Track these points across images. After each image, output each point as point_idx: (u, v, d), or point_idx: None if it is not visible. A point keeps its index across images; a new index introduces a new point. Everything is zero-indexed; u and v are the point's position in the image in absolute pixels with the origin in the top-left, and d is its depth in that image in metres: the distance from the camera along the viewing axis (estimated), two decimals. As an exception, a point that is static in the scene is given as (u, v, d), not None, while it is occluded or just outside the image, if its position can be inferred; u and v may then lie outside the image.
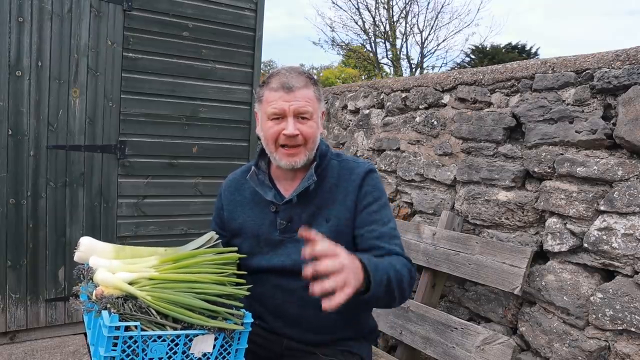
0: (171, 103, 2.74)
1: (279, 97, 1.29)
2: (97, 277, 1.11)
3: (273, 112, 1.30)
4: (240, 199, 1.46)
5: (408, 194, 2.78)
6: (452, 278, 2.38)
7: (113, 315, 1.01)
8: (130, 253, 1.24)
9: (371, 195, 1.36)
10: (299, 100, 1.29)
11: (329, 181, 1.38)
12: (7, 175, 2.36)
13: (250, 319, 1.16)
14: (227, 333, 1.11)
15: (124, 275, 1.11)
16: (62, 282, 2.53)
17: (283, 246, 1.36)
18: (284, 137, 1.30)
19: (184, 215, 2.85)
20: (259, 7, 2.95)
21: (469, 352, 1.94)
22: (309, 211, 1.36)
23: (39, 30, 2.37)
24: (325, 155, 1.41)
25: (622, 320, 1.68)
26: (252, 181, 1.40)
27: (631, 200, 1.69)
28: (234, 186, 1.50)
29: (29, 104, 2.38)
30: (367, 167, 1.40)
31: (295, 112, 1.29)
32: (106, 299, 1.05)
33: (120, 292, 1.08)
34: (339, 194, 1.36)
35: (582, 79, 1.89)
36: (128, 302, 1.07)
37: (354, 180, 1.37)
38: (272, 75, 1.35)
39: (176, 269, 1.16)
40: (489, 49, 14.34)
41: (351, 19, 18.95)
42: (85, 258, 1.22)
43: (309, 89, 1.32)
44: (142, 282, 1.12)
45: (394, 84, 2.93)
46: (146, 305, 1.07)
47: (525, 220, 2.10)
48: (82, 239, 1.25)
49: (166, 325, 1.06)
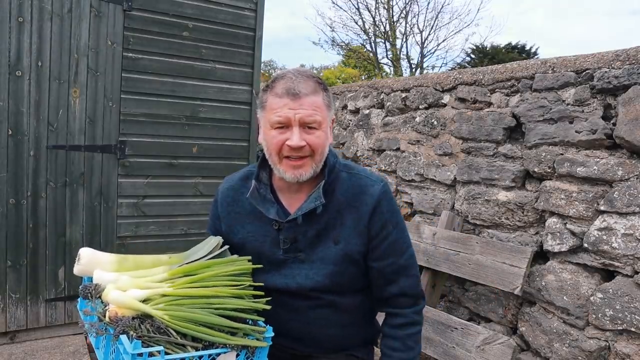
0: (171, 103, 2.74)
1: (283, 104, 1.16)
2: (108, 296, 1.04)
3: (277, 121, 1.17)
4: (240, 210, 1.33)
5: (408, 194, 2.78)
6: (452, 278, 2.38)
7: (135, 342, 0.95)
8: (134, 263, 1.17)
9: (389, 223, 1.26)
10: (306, 109, 1.16)
11: (338, 198, 1.26)
12: (7, 175, 2.37)
13: (271, 332, 1.11)
14: (249, 349, 1.07)
15: (136, 293, 1.04)
16: (62, 282, 2.53)
17: (287, 267, 1.27)
18: (289, 149, 1.17)
19: (184, 215, 2.85)
20: (259, 7, 2.95)
21: (469, 352, 1.94)
22: (315, 230, 1.25)
23: (39, 30, 2.37)
24: (333, 169, 1.28)
25: (622, 320, 1.68)
26: (252, 199, 1.26)
27: (631, 200, 1.69)
28: (231, 196, 1.36)
29: (29, 104, 2.38)
30: (381, 187, 1.27)
31: (302, 122, 1.16)
32: (122, 321, 0.99)
33: (134, 312, 1.02)
34: (349, 216, 1.25)
35: (582, 79, 1.89)
36: (145, 322, 1.01)
37: (367, 203, 1.25)
38: (276, 79, 1.21)
39: (190, 283, 1.10)
40: (489, 49, 14.34)
41: (351, 19, 18.94)
42: (86, 271, 1.14)
43: (318, 96, 1.19)
44: (156, 299, 1.05)
45: (394, 84, 2.93)
46: (164, 326, 1.01)
47: (525, 220, 2.10)
48: (82, 251, 1.16)
49: (186, 345, 1.01)
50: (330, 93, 1.26)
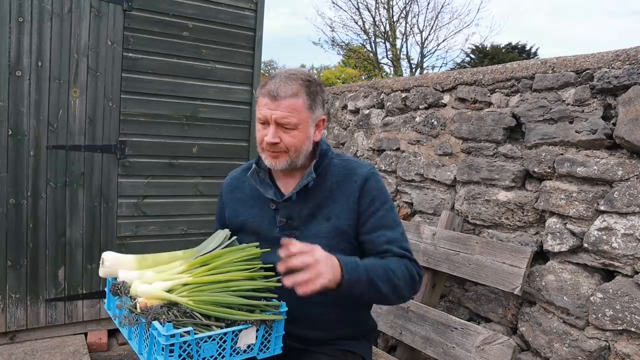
0: (171, 103, 2.74)
1: (264, 103, 1.31)
2: (136, 290, 1.15)
3: (259, 118, 1.33)
4: (241, 195, 1.48)
5: (408, 194, 2.78)
6: (452, 278, 2.38)
7: (167, 325, 1.06)
8: (152, 260, 1.28)
9: (378, 200, 1.37)
10: (282, 110, 1.28)
11: (330, 180, 1.39)
12: (7, 175, 2.36)
13: (285, 307, 1.23)
14: (267, 324, 1.20)
15: (161, 285, 1.16)
16: (62, 282, 2.53)
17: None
18: (266, 144, 1.32)
19: (184, 215, 2.85)
20: (259, 7, 2.95)
21: (469, 352, 1.94)
22: (309, 209, 1.37)
23: (39, 30, 2.37)
24: (325, 154, 1.41)
25: (622, 320, 1.68)
26: (252, 178, 1.43)
27: (631, 200, 1.69)
28: (234, 184, 1.53)
29: (29, 104, 2.37)
30: (369, 169, 1.41)
31: (277, 122, 1.29)
32: (153, 309, 1.10)
33: (162, 301, 1.13)
34: (340, 194, 1.37)
35: (582, 79, 1.89)
36: (172, 309, 1.12)
37: (355, 181, 1.37)
38: (268, 79, 1.35)
39: (208, 271, 1.21)
40: (489, 49, 14.36)
41: (351, 19, 18.98)
42: (111, 273, 1.25)
43: (298, 99, 1.30)
44: (178, 288, 1.17)
45: (394, 84, 2.93)
46: (190, 310, 1.12)
47: (525, 220, 2.10)
48: (106, 255, 1.27)
49: (211, 325, 1.12)
50: (319, 94, 1.36)
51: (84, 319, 2.61)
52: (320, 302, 1.34)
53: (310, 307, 1.34)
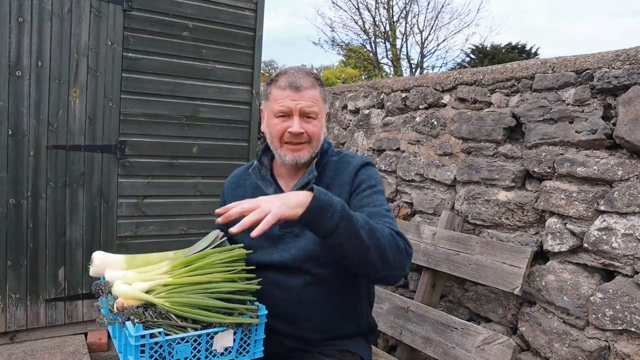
0: (171, 103, 2.74)
1: (286, 95, 1.33)
2: (115, 290, 1.16)
3: (280, 110, 1.34)
4: (242, 193, 1.48)
5: (408, 194, 2.77)
6: (452, 278, 2.38)
7: (137, 325, 1.07)
8: (142, 261, 1.28)
9: (365, 183, 1.38)
10: (306, 100, 1.33)
11: (328, 175, 1.41)
12: (7, 175, 2.37)
13: (264, 310, 1.21)
14: (244, 327, 1.18)
15: (140, 285, 1.16)
16: (62, 282, 2.53)
17: (282, 241, 1.38)
18: (289, 135, 1.34)
19: (184, 215, 2.85)
20: (259, 7, 2.95)
21: (469, 352, 1.94)
22: None
23: (39, 30, 2.37)
24: (326, 152, 1.44)
25: (622, 320, 1.68)
26: (254, 175, 1.45)
27: (631, 200, 1.69)
28: (235, 182, 1.54)
29: (29, 104, 2.38)
30: (364, 160, 1.43)
31: (302, 112, 1.33)
32: (127, 310, 1.10)
33: (139, 302, 1.13)
34: (335, 188, 1.38)
35: (582, 79, 1.89)
36: (148, 310, 1.12)
37: (349, 172, 1.40)
38: (280, 74, 1.38)
39: (188, 272, 1.20)
40: (489, 49, 14.35)
41: (351, 19, 18.98)
42: (99, 272, 1.26)
43: (316, 90, 1.36)
44: (158, 289, 1.17)
45: (394, 84, 2.93)
46: (165, 311, 1.13)
47: (525, 220, 2.10)
48: (95, 254, 1.28)
49: (187, 327, 1.12)
50: (325, 89, 1.43)
51: (84, 319, 2.61)
52: (319, 302, 1.35)
53: (309, 307, 1.34)
